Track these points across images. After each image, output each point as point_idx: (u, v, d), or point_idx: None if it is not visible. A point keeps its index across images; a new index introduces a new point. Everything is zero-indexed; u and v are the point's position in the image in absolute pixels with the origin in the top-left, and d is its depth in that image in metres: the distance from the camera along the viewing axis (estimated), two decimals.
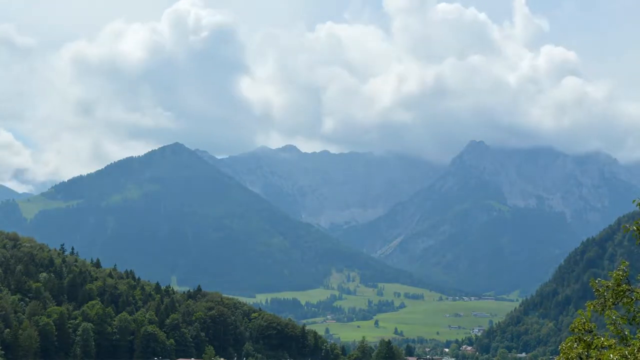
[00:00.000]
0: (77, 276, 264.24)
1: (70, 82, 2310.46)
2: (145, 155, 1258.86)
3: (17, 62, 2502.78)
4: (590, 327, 27.83)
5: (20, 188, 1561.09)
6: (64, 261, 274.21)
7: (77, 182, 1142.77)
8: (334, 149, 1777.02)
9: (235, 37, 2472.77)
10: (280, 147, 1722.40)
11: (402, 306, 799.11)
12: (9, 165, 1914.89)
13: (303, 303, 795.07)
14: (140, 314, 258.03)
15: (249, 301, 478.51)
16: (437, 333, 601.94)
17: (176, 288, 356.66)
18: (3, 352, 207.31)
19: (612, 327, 27.57)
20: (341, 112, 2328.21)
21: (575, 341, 27.67)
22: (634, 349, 26.14)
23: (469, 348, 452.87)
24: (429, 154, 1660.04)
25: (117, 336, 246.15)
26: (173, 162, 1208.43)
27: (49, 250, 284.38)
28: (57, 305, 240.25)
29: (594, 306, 27.84)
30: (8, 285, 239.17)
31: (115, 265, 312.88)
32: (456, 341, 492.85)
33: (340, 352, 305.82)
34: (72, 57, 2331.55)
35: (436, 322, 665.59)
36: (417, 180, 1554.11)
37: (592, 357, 27.04)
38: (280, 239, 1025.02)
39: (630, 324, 27.72)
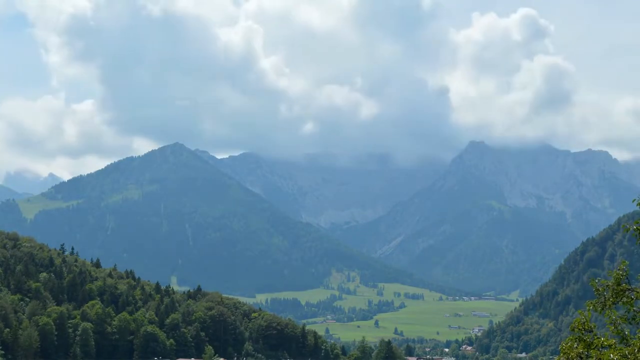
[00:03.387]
0: (77, 276, 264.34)
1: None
2: (145, 155, 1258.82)
3: None
4: (591, 326, 27.83)
5: (20, 188, 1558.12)
6: (64, 261, 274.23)
7: (77, 182, 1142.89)
8: (334, 149, 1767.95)
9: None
10: (280, 147, 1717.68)
11: (402, 306, 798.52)
12: (9, 165, 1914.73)
13: (303, 303, 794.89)
14: (140, 314, 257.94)
15: (249, 301, 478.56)
16: (437, 333, 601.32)
17: (176, 288, 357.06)
18: (3, 352, 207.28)
19: (612, 327, 27.58)
20: (341, 111, 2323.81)
21: (576, 341, 27.67)
22: (634, 349, 26.13)
23: (469, 348, 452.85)
24: (429, 153, 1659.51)
25: (117, 336, 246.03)
26: (173, 162, 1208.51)
27: (49, 250, 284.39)
28: (57, 305, 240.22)
29: (594, 305, 27.84)
30: (8, 285, 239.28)
31: (115, 265, 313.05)
32: (456, 341, 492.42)
33: (340, 352, 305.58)
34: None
35: (436, 322, 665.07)
36: (417, 180, 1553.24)
37: (592, 357, 27.04)
38: (280, 239, 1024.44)
39: (630, 323, 27.73)
